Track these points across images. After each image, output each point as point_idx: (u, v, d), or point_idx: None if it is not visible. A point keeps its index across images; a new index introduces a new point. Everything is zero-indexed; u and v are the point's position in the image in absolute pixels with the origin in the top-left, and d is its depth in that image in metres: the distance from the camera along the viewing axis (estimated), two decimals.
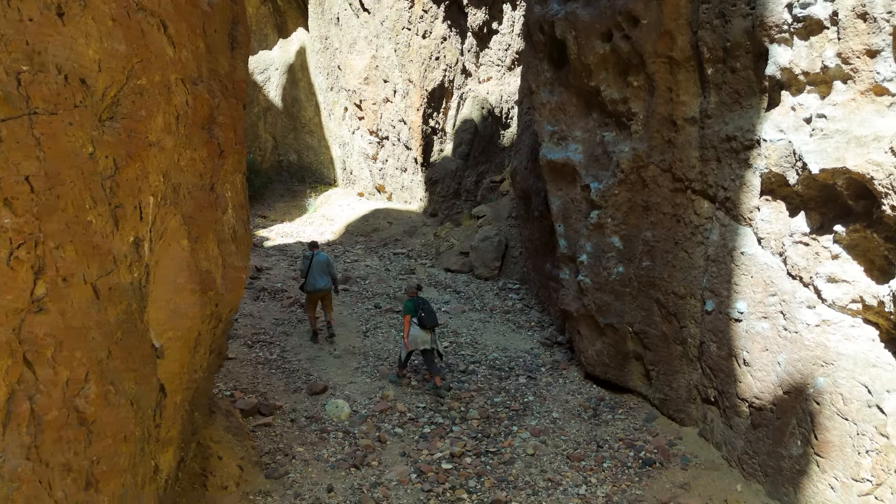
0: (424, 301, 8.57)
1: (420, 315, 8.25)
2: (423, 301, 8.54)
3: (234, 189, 5.15)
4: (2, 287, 2.84)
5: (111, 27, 3.68)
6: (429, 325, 8.23)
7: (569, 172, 8.48)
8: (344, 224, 18.68)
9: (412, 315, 8.34)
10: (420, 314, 8.27)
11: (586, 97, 8.26)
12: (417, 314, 8.30)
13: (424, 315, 8.25)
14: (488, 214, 16.40)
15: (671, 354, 7.44)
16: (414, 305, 8.40)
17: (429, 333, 8.27)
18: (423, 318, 8.24)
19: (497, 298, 12.72)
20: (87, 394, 3.21)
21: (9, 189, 2.92)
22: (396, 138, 18.61)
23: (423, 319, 8.23)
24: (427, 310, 8.34)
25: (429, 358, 8.37)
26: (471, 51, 18.12)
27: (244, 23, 5.82)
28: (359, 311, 11.40)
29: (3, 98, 2.98)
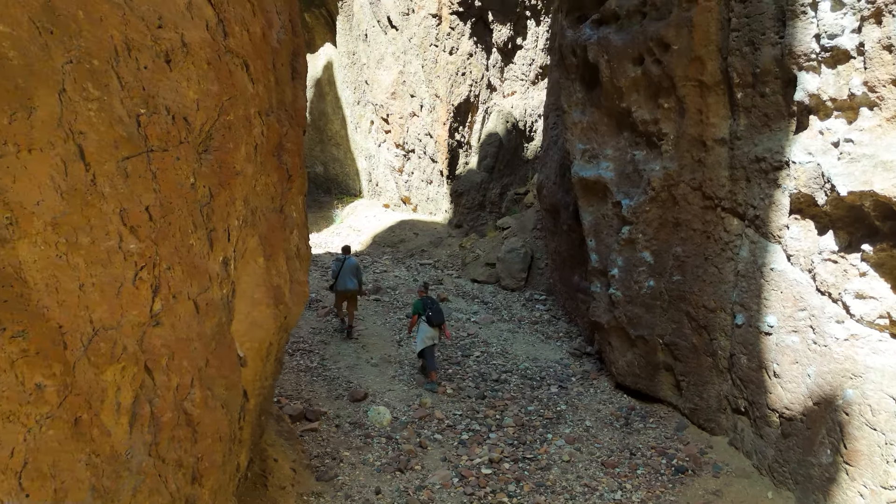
0: (432, 300, 9.18)
1: (428, 314, 8.91)
2: (430, 300, 9.15)
3: (298, 210, 5.57)
4: (129, 304, 3.26)
5: (206, 70, 4.12)
6: (436, 323, 8.89)
7: (600, 189, 8.82)
8: (371, 235, 19.14)
9: (421, 314, 8.99)
10: (428, 313, 8.92)
11: (617, 117, 8.60)
12: (426, 313, 8.93)
13: (432, 314, 8.91)
14: (513, 226, 16.75)
15: (701, 366, 7.71)
16: (422, 305, 9.03)
17: (436, 330, 8.96)
18: (431, 316, 8.90)
19: (524, 309, 13.05)
20: (193, 398, 3.62)
21: (134, 218, 3.35)
22: (422, 151, 19.06)
23: (431, 318, 8.90)
24: (434, 309, 8.98)
25: (430, 353, 9.06)
26: (496, 66, 18.56)
27: (303, 54, 6.26)
28: (391, 321, 11.79)
29: (128, 138, 3.42)
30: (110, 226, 3.20)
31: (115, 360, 3.11)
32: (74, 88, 3.14)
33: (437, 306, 9.05)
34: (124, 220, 3.29)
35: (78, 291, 2.97)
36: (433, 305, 9.04)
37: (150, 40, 3.69)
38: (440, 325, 8.98)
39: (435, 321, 8.90)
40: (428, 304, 9.05)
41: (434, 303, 9.13)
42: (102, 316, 3.08)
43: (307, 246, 5.84)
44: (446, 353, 10.52)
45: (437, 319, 8.91)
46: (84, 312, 2.98)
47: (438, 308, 9.04)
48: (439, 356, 10.37)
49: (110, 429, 3.06)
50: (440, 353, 10.50)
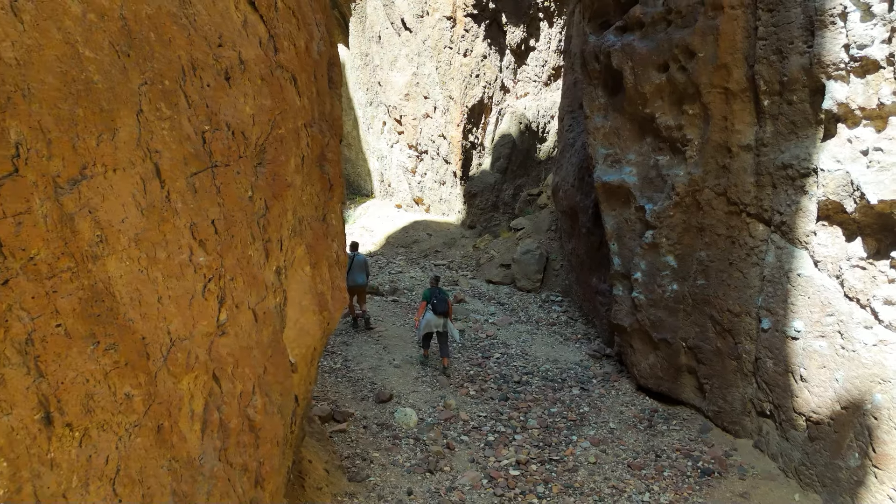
0: (439, 290, 9.86)
1: (433, 302, 9.59)
2: (438, 290, 9.85)
3: (337, 218, 5.70)
4: (199, 315, 3.39)
5: (260, 85, 4.24)
6: (439, 311, 9.55)
7: (623, 194, 8.92)
8: (384, 235, 19.27)
9: (428, 302, 9.69)
10: (433, 301, 9.60)
11: (640, 123, 8.70)
12: (431, 301, 9.61)
13: (437, 303, 9.59)
14: (527, 227, 16.86)
15: (725, 369, 7.81)
16: (430, 294, 9.74)
17: (441, 318, 9.57)
18: (436, 304, 9.59)
19: (541, 311, 13.16)
20: (255, 404, 3.75)
21: (203, 231, 3.47)
22: (436, 152, 19.17)
23: (435, 306, 9.58)
24: (440, 298, 9.65)
25: (442, 340, 9.69)
26: (509, 67, 18.65)
27: (338, 64, 6.38)
28: (411, 322, 11.91)
29: (195, 155, 3.55)
30: (182, 240, 3.33)
31: (190, 370, 3.24)
32: (150, 109, 3.26)
33: (442, 297, 9.68)
34: (194, 234, 3.42)
35: (157, 304, 3.09)
36: (439, 295, 9.69)
37: (212, 59, 3.82)
38: (444, 314, 9.59)
39: (439, 309, 9.54)
40: (435, 294, 9.71)
41: (441, 293, 9.77)
42: (178, 327, 3.21)
43: (345, 252, 5.97)
44: (467, 354, 10.65)
45: (441, 308, 9.56)
46: (163, 324, 3.11)
47: (443, 298, 9.68)
48: (459, 357, 10.50)
49: (186, 435, 3.19)
50: (460, 354, 10.63)
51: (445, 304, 9.60)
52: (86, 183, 2.74)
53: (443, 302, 9.58)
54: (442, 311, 9.54)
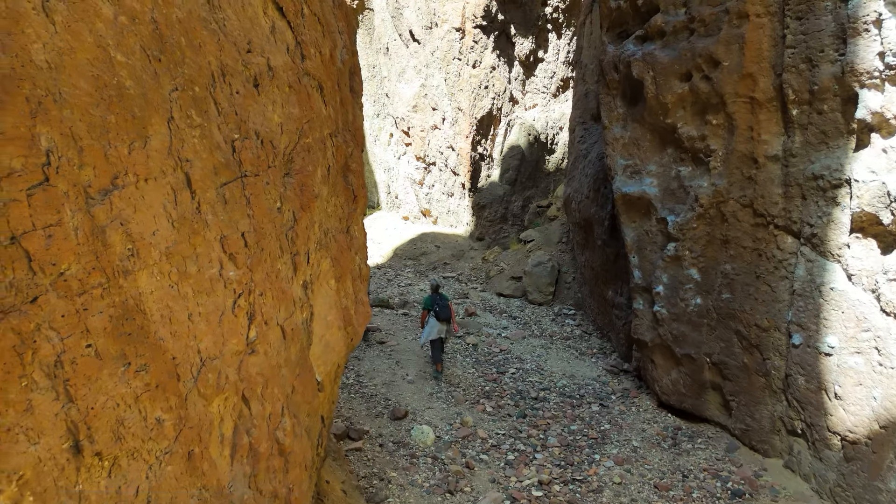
0: (441, 297, 9.95)
1: (435, 309, 9.74)
2: (439, 297, 9.95)
3: (360, 230, 5.52)
4: (230, 333, 3.20)
5: (288, 93, 4.09)
6: (442, 318, 9.69)
7: (643, 205, 8.75)
8: (392, 248, 19.11)
9: (429, 310, 9.86)
10: (435, 308, 9.75)
11: (661, 133, 8.55)
12: (433, 308, 9.77)
13: (439, 310, 9.72)
14: (537, 239, 16.69)
15: (753, 385, 7.60)
16: (431, 301, 9.88)
17: (444, 324, 9.75)
18: (438, 311, 9.73)
19: (555, 324, 12.95)
20: (284, 427, 3.55)
21: (233, 245, 3.30)
22: (444, 164, 19.06)
23: (438, 313, 9.72)
24: (441, 305, 9.78)
25: (438, 346, 9.84)
26: (518, 79, 18.60)
27: (359, 73, 6.25)
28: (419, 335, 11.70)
29: (225, 164, 3.38)
30: (213, 253, 3.16)
31: (220, 391, 3.05)
32: (181, 116, 3.11)
33: (443, 304, 9.77)
34: (224, 248, 3.24)
35: (187, 321, 2.91)
36: (441, 302, 9.78)
37: (241, 65, 3.67)
38: (447, 320, 9.76)
39: (441, 316, 9.66)
40: (436, 301, 9.81)
41: (442, 300, 9.85)
42: (208, 346, 3.02)
43: (367, 265, 5.79)
44: (481, 369, 10.44)
45: (444, 314, 9.68)
46: (193, 343, 2.93)
47: (445, 305, 9.78)
48: (473, 372, 10.29)
49: (216, 461, 2.99)
50: (474, 369, 10.42)
51: (447, 311, 9.75)
52: (117, 193, 2.57)
53: (445, 308, 9.73)
54: (445, 317, 9.71)
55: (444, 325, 9.76)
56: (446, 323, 9.78)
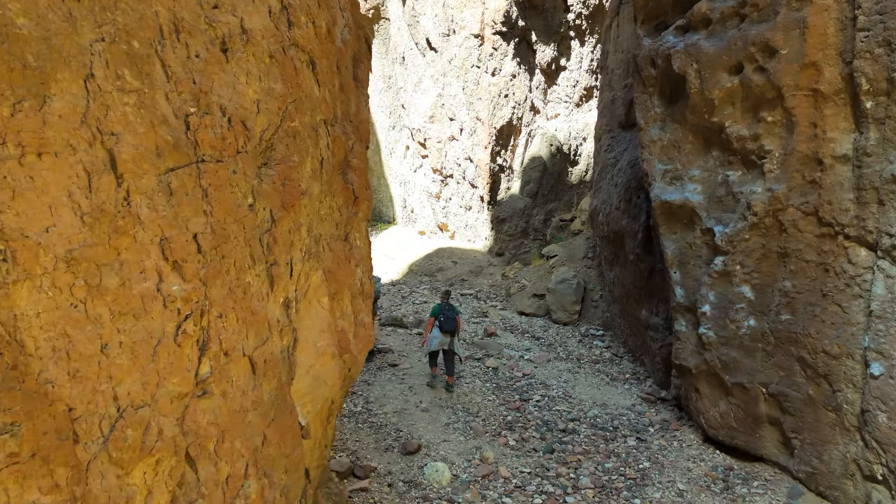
0: (449, 307, 9.23)
1: (440, 320, 9.01)
2: (447, 307, 9.22)
3: (362, 238, 4.68)
4: (168, 369, 2.35)
5: (269, 65, 3.28)
6: (446, 330, 8.98)
7: (686, 214, 7.80)
8: (407, 263, 18.27)
9: (436, 318, 9.13)
10: (441, 318, 9.02)
11: (705, 134, 7.63)
12: (439, 318, 9.05)
13: (443, 320, 9.00)
14: (561, 255, 15.74)
15: (819, 422, 6.55)
16: (439, 310, 9.18)
17: (447, 336, 9.03)
18: (442, 322, 9.00)
19: (582, 346, 11.94)
20: (248, 493, 2.67)
21: (179, 250, 2.46)
22: (461, 176, 18.27)
23: (442, 324, 9.00)
24: (447, 316, 9.05)
25: (448, 358, 9.18)
26: (539, 87, 17.80)
27: (365, 60, 5.46)
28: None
29: (174, 144, 2.56)
30: (147, 261, 2.32)
31: (147, 453, 2.20)
32: (106, 75, 2.29)
33: (450, 314, 9.11)
34: (165, 253, 2.41)
35: (99, 356, 2.07)
36: (447, 312, 9.12)
37: (204, 23, 2.87)
38: (452, 333, 9.08)
39: (445, 328, 9.00)
40: (443, 310, 9.15)
41: (449, 309, 9.19)
42: (132, 389, 2.17)
43: (370, 279, 4.93)
44: (503, 395, 9.47)
45: (447, 326, 9.01)
46: (106, 386, 2.08)
47: (451, 316, 9.10)
48: (494, 399, 9.33)
49: None
50: (495, 395, 9.46)
51: (453, 323, 9.05)
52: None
53: (451, 320, 9.04)
54: (449, 330, 9.03)
55: (448, 338, 9.08)
56: (450, 335, 9.09)
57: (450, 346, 9.11)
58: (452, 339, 9.12)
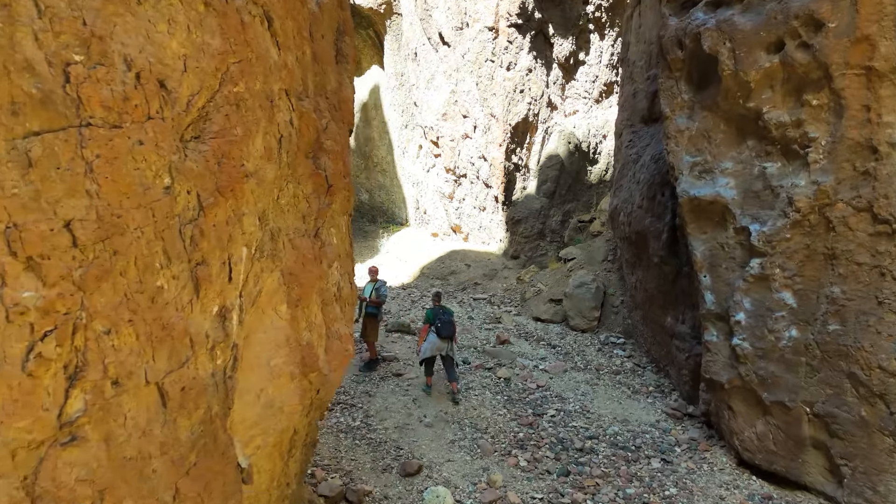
0: (444, 311, 8.77)
1: (437, 325, 8.55)
2: (441, 311, 8.76)
3: (339, 235, 3.99)
4: (10, 409, 1.68)
5: (203, 14, 2.62)
6: (444, 335, 8.53)
7: (717, 211, 7.00)
8: (419, 266, 17.60)
9: (431, 324, 8.68)
10: (437, 323, 8.57)
11: (739, 121, 6.83)
12: (435, 323, 8.59)
13: (441, 325, 8.53)
14: (579, 257, 14.92)
15: (874, 447, 5.70)
16: (433, 315, 8.72)
17: (445, 342, 8.58)
18: (440, 328, 8.52)
19: (601, 355, 11.13)
20: None
21: (37, 243, 1.80)
22: (475, 176, 17.56)
23: (440, 329, 8.52)
24: (443, 321, 8.60)
25: (447, 364, 8.72)
26: (556, 83, 17.04)
27: (351, 33, 4.78)
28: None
29: (41, 100, 1.90)
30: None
31: None
32: None
33: (447, 318, 8.67)
34: (13, 247, 1.74)
35: None
36: (443, 317, 8.68)
37: None
38: (450, 338, 8.64)
39: (442, 333, 8.53)
40: (438, 315, 8.71)
41: (446, 314, 8.75)
42: None
43: (352, 284, 4.24)
44: (514, 409, 8.73)
45: (445, 332, 8.54)
46: None
47: (448, 320, 8.65)
48: (505, 414, 8.59)
49: None
50: (506, 409, 8.72)
51: (451, 327, 8.61)
52: None
53: (447, 324, 8.59)
54: (447, 335, 8.55)
55: (446, 343, 8.61)
56: (448, 341, 8.63)
57: (447, 351, 8.63)
58: (450, 343, 8.66)
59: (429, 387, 8.88)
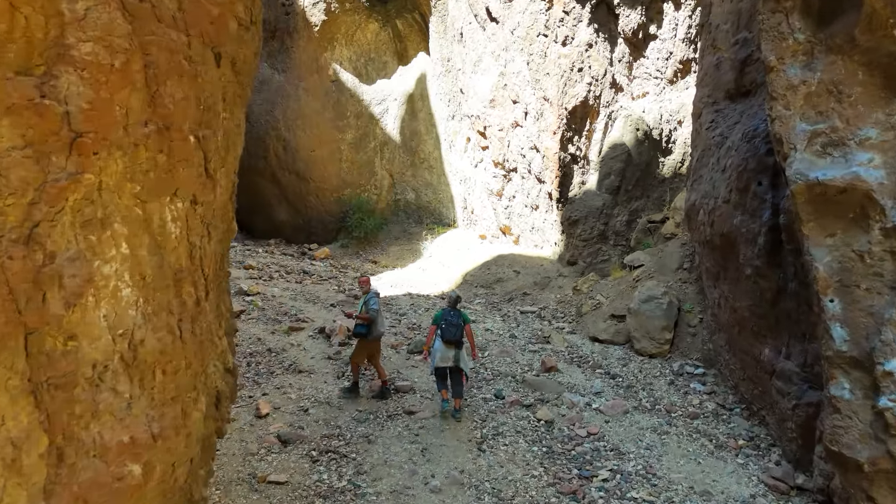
0: (453, 312, 7.60)
1: (442, 326, 7.47)
2: (451, 312, 7.60)
3: (105, 235, 2.10)
4: None
5: None
6: (448, 339, 7.38)
7: (854, 203, 4.66)
8: (462, 273, 15.67)
9: (437, 326, 7.58)
10: (442, 325, 7.48)
11: (885, 68, 4.47)
12: (440, 325, 7.51)
13: (446, 327, 7.43)
14: (648, 265, 12.50)
15: None
16: (441, 316, 7.66)
17: (452, 349, 7.38)
18: (444, 329, 7.42)
19: (673, 390, 8.78)
20: None
21: None
22: (526, 170, 15.43)
23: (444, 331, 7.42)
24: (450, 322, 7.46)
25: (454, 377, 7.53)
26: (622, 60, 14.63)
27: None
28: (473, 403, 8.06)
29: None
30: None
31: None
32: None
33: (454, 320, 7.45)
34: None
35: None
36: (450, 318, 7.50)
37: None
38: (458, 344, 7.41)
39: (446, 336, 7.37)
40: (446, 316, 7.57)
41: (456, 315, 7.56)
42: None
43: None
44: (553, 469, 6.62)
45: (449, 334, 7.37)
46: None
47: (455, 322, 7.43)
48: (540, 476, 6.51)
49: None
50: (542, 468, 6.64)
51: (458, 331, 7.40)
52: None
53: (454, 327, 7.40)
54: (453, 339, 7.36)
55: (453, 351, 7.37)
56: (456, 348, 7.38)
57: (454, 360, 7.38)
58: (458, 351, 7.42)
59: (445, 401, 7.52)
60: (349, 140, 20.41)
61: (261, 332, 10.26)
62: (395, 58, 21.05)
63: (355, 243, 19.55)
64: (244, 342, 9.67)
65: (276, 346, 9.61)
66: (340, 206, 20.13)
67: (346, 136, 20.37)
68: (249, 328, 10.46)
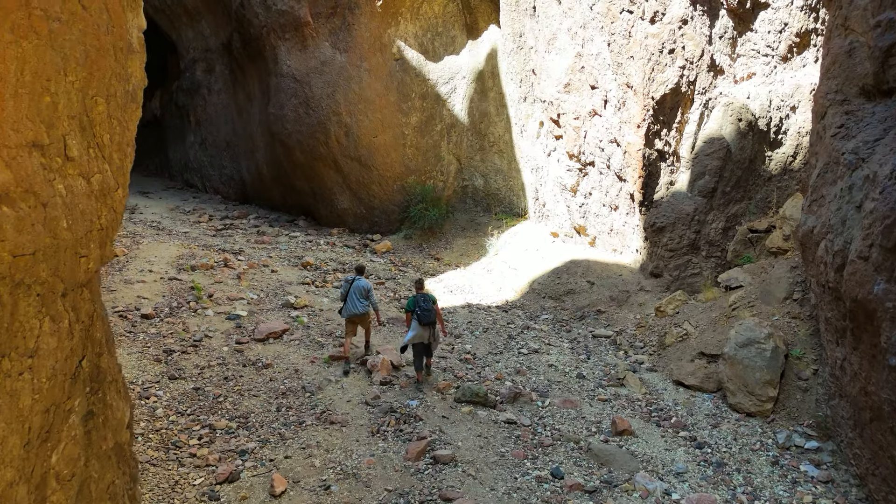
0: (425, 297, 8.83)
1: (417, 312, 8.69)
2: (423, 297, 8.83)
3: None
4: None
5: None
6: (425, 322, 8.65)
7: None
8: (529, 279, 14.22)
9: (412, 312, 8.78)
10: (417, 311, 8.69)
11: None
12: (415, 311, 8.71)
13: (421, 313, 8.66)
14: (748, 287, 10.57)
15: None
16: (414, 302, 8.82)
17: (426, 329, 8.73)
18: (420, 315, 8.64)
19: (778, 475, 7.11)
20: None
21: None
22: (605, 165, 13.58)
23: (420, 316, 8.64)
24: (423, 307, 8.69)
25: (420, 351, 8.89)
26: (724, 37, 12.30)
27: None
28: (519, 482, 6.78)
29: None
30: None
31: None
32: None
33: (427, 305, 8.74)
34: None
35: None
36: (423, 304, 8.76)
37: None
38: (431, 324, 8.78)
39: (423, 320, 8.69)
40: (419, 302, 8.79)
41: (427, 300, 8.83)
42: None
43: None
44: None
45: (426, 319, 8.69)
46: None
47: (428, 307, 8.73)
48: None
49: None
50: None
51: (432, 314, 8.72)
52: None
53: (428, 312, 8.70)
54: (428, 322, 8.69)
55: (428, 331, 8.76)
56: (430, 327, 8.78)
57: (429, 338, 8.80)
58: (432, 330, 8.80)
59: (419, 382, 8.88)
60: (413, 124, 19.13)
61: (300, 361, 9.40)
62: (463, 31, 19.34)
63: (419, 234, 18.48)
64: (279, 374, 8.85)
65: (312, 383, 8.71)
66: (404, 194, 19.05)
67: (410, 120, 19.09)
68: (290, 353, 9.64)
